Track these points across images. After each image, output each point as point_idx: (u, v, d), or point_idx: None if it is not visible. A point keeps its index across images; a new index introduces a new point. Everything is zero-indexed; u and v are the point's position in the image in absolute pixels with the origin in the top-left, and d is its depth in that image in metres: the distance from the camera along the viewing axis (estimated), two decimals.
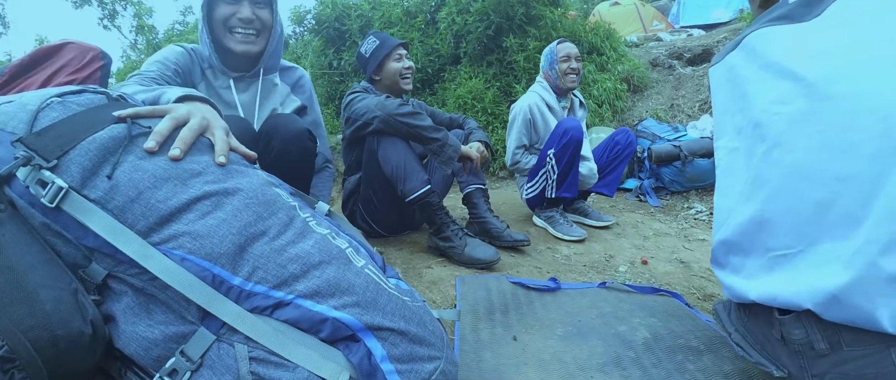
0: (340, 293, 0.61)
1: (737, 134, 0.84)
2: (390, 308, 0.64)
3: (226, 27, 1.25)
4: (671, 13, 7.97)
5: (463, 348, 1.10)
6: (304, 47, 6.22)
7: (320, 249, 0.65)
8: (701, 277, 1.74)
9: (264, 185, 0.72)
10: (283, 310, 0.60)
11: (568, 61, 2.08)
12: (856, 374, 0.69)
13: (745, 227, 0.78)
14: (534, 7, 3.84)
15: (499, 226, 1.77)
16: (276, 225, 0.66)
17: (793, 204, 0.70)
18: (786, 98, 0.73)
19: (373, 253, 0.76)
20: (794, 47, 0.75)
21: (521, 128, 2.10)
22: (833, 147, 0.66)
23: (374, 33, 1.81)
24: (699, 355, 1.10)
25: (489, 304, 1.31)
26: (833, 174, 0.65)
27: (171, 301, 0.62)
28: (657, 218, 2.48)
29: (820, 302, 0.66)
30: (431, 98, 4.19)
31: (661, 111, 3.67)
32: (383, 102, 1.50)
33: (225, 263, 0.61)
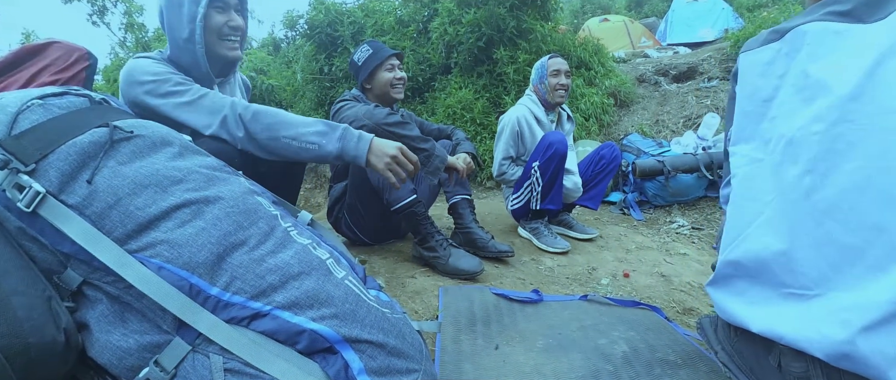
0: (319, 305, 0.62)
1: (764, 145, 0.76)
2: (369, 320, 0.64)
3: (218, 35, 1.28)
4: (659, 30, 8.16)
5: (444, 359, 1.10)
6: (295, 52, 6.21)
7: (300, 260, 0.65)
8: (681, 291, 1.77)
9: (246, 193, 0.72)
10: (260, 321, 0.60)
11: (558, 76, 2.11)
12: None
13: (762, 255, 0.72)
14: (524, 21, 3.90)
15: (484, 237, 1.78)
16: (257, 235, 0.66)
17: (820, 245, 0.65)
18: (827, 117, 0.65)
19: (354, 264, 0.76)
20: (849, 56, 0.67)
21: (509, 139, 2.12)
22: (875, 190, 0.60)
23: (368, 42, 1.82)
24: (676, 369, 1.12)
25: (471, 315, 1.32)
26: (871, 222, 0.61)
27: (146, 310, 0.61)
28: (640, 231, 2.52)
29: (830, 353, 0.62)
30: (422, 106, 4.21)
31: (647, 126, 3.74)
32: (372, 110, 1.50)
33: (203, 273, 0.60)
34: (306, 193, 3.82)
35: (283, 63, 6.78)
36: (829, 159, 0.65)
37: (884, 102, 0.62)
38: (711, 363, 1.13)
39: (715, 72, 4.35)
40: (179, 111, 1.13)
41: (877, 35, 0.66)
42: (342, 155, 1.08)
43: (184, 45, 1.24)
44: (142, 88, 1.15)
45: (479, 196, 3.45)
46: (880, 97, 0.62)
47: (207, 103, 1.10)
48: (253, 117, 1.05)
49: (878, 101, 0.62)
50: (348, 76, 4.59)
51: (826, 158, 0.65)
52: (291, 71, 5.60)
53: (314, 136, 1.07)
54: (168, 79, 1.16)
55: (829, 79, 0.68)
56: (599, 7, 11.14)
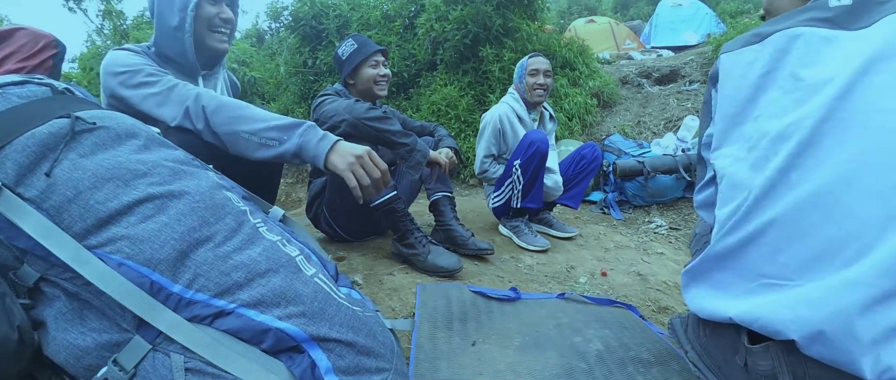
0: (286, 303, 0.61)
1: (747, 144, 0.78)
2: (339, 319, 0.63)
3: (209, 26, 1.27)
4: (643, 33, 8.28)
5: (419, 357, 1.09)
6: (279, 44, 6.12)
7: (268, 257, 0.64)
8: (657, 289, 1.79)
9: (213, 188, 0.70)
10: (224, 319, 0.58)
11: (536, 76, 2.12)
12: None
13: (745, 247, 0.73)
14: (511, 19, 3.90)
15: (464, 234, 1.78)
16: (223, 231, 0.64)
17: (803, 236, 0.66)
18: (815, 115, 0.67)
19: (325, 261, 0.75)
20: (838, 60, 0.69)
21: (491, 137, 2.12)
22: (861, 184, 0.62)
23: (353, 36, 1.80)
24: (649, 367, 1.13)
25: (448, 313, 1.32)
26: (856, 214, 0.62)
27: (105, 308, 0.60)
28: (619, 231, 2.56)
29: (806, 335, 0.63)
30: (406, 102, 4.19)
31: (628, 127, 3.79)
32: (353, 105, 1.49)
33: (165, 270, 0.59)
34: (288, 187, 3.77)
35: (267, 55, 6.67)
36: (815, 154, 0.67)
37: (872, 101, 0.65)
38: (682, 362, 1.15)
39: (696, 75, 4.44)
40: (148, 102, 1.11)
41: (864, 42, 0.69)
42: (301, 153, 1.02)
43: (172, 33, 1.22)
44: (116, 80, 1.13)
45: (462, 193, 3.45)
46: (869, 97, 0.65)
47: (175, 95, 1.08)
48: (215, 110, 1.02)
49: (867, 100, 0.65)
50: (333, 70, 4.54)
51: (812, 154, 0.67)
52: (275, 63, 5.52)
53: (274, 132, 1.02)
54: (140, 69, 1.14)
55: (820, 81, 0.69)
56: (586, 8, 11.24)
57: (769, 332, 0.67)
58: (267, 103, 5.60)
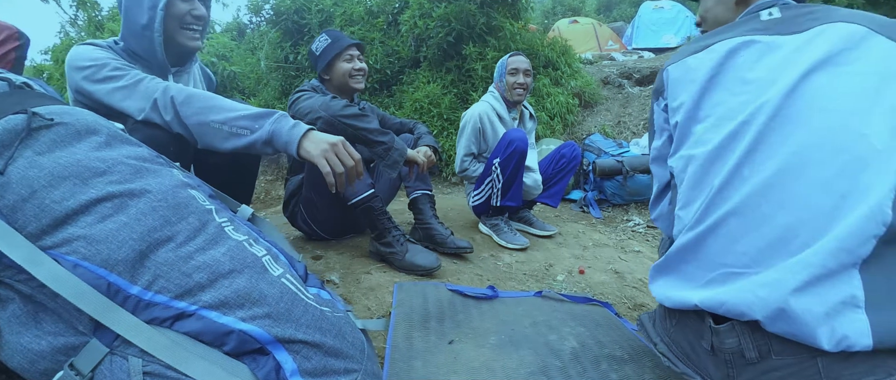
0: (251, 304, 0.59)
1: (699, 143, 0.82)
2: (306, 320, 0.62)
3: (180, 23, 1.24)
4: (625, 35, 8.40)
5: (394, 357, 1.09)
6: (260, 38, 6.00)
7: (232, 257, 0.63)
8: (633, 287, 1.82)
9: (177, 186, 0.68)
10: (184, 321, 0.57)
11: (516, 75, 2.12)
12: None
13: (705, 239, 0.78)
14: (494, 18, 3.91)
15: (443, 232, 1.78)
16: (185, 230, 0.63)
17: (758, 225, 0.72)
18: (764, 112, 0.73)
19: (294, 261, 0.73)
20: (776, 62, 0.76)
21: (471, 136, 2.13)
22: (808, 175, 0.69)
23: (327, 31, 1.78)
24: (622, 364, 1.15)
25: (425, 312, 1.32)
26: (804, 202, 0.68)
27: (61, 310, 0.57)
28: (598, 229, 2.59)
29: (768, 314, 0.68)
30: (389, 100, 4.17)
31: (609, 127, 3.84)
32: (328, 102, 1.47)
33: (123, 271, 0.57)
34: (267, 185, 3.71)
35: (248, 50, 6.54)
36: (764, 150, 0.73)
37: (812, 101, 0.72)
38: (656, 358, 1.17)
39: None
40: (114, 96, 1.08)
41: (804, 49, 0.76)
42: (273, 140, 0.99)
43: (140, 31, 1.19)
44: (80, 75, 1.10)
45: (443, 192, 3.45)
46: (809, 97, 0.72)
47: (142, 88, 1.05)
48: (184, 100, 0.99)
49: (808, 100, 0.72)
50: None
51: (762, 149, 0.73)
52: (255, 58, 5.42)
53: (245, 120, 0.99)
54: (105, 64, 1.11)
55: (766, 82, 0.76)
56: (570, 9, 11.34)
57: (734, 314, 0.73)
58: (247, 99, 5.50)
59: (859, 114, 0.69)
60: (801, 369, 0.69)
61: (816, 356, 0.68)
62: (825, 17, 0.78)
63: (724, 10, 1.01)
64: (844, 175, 0.67)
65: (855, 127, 0.69)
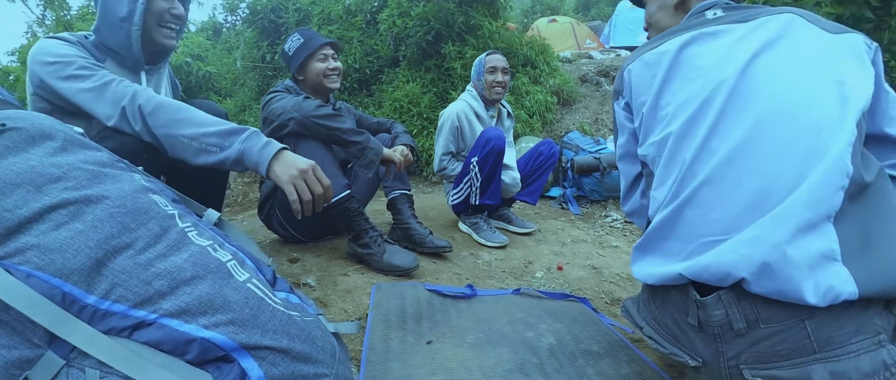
0: (214, 311, 0.58)
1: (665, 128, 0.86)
2: (272, 325, 0.61)
3: (158, 21, 1.23)
4: (603, 34, 8.52)
5: (370, 359, 1.08)
6: (236, 38, 5.88)
7: (195, 263, 0.61)
8: (610, 282, 1.85)
9: (137, 191, 0.66)
10: (143, 331, 0.55)
11: (494, 73, 2.13)
12: (770, 351, 0.73)
13: (682, 213, 0.80)
14: (473, 17, 3.91)
15: (422, 232, 1.78)
16: (145, 237, 0.61)
17: (728, 193, 0.75)
18: (723, 91, 0.79)
19: (261, 265, 0.72)
20: (729, 49, 0.83)
21: (449, 135, 2.13)
22: (768, 141, 0.74)
23: (300, 30, 1.75)
24: (598, 359, 1.17)
25: (402, 312, 1.31)
26: (767, 167, 0.73)
27: (14, 323, 0.55)
28: (577, 225, 2.62)
29: (754, 271, 0.69)
30: (368, 99, 4.13)
31: (587, 125, 3.89)
32: (301, 102, 1.45)
33: (78, 280, 0.55)
34: (244, 187, 3.64)
35: (224, 49, 6.40)
36: (726, 123, 0.78)
37: (767, 76, 0.79)
38: (631, 353, 1.19)
39: None
40: (81, 97, 1.06)
41: (751, 34, 0.83)
42: (243, 159, 0.99)
43: (119, 24, 1.17)
44: (44, 69, 1.07)
45: (424, 191, 3.44)
46: (760, 74, 0.79)
47: (110, 93, 1.02)
48: (154, 110, 0.97)
49: (759, 76, 0.79)
50: None
51: (725, 122, 0.78)
52: (232, 58, 5.31)
53: (215, 138, 0.98)
54: (71, 62, 1.08)
55: (719, 66, 0.82)
56: (549, 8, 11.44)
57: (719, 277, 0.73)
58: (223, 100, 5.38)
59: (808, 85, 0.76)
60: (791, 335, 0.71)
61: (805, 319, 0.70)
62: (766, 11, 0.86)
63: (666, 15, 1.09)
64: (803, 137, 0.72)
65: (806, 96, 0.75)
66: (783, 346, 0.72)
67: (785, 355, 0.72)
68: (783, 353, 0.72)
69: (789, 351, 0.71)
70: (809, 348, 0.70)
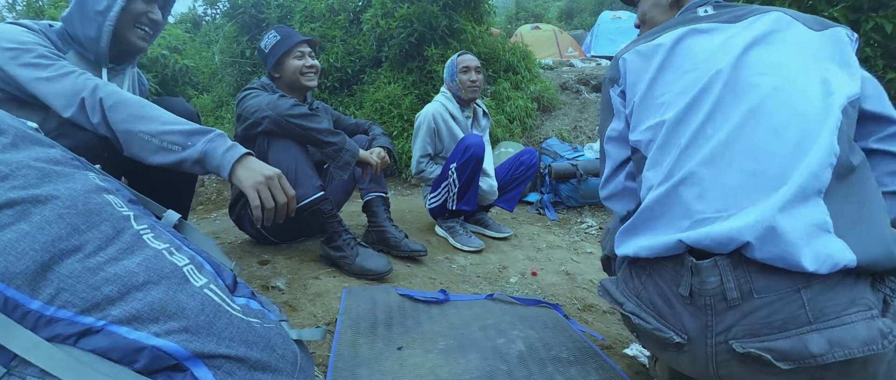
0: (166, 318, 0.56)
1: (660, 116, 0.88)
2: (229, 333, 0.59)
3: (134, 21, 1.21)
4: (585, 42, 8.66)
5: (338, 365, 1.07)
6: (215, 31, 5.75)
7: (148, 268, 0.59)
8: (583, 288, 1.87)
9: (90, 191, 0.63)
10: (90, 338, 0.53)
11: (468, 73, 2.14)
12: (763, 323, 0.72)
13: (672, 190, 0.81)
14: (457, 20, 3.92)
15: (397, 235, 1.76)
16: (96, 239, 0.58)
17: (727, 172, 0.77)
18: (719, 82, 0.82)
19: (221, 270, 0.70)
20: (722, 45, 0.86)
21: (425, 137, 2.12)
22: (763, 125, 0.77)
23: (277, 28, 1.72)
24: (568, 365, 1.18)
25: (373, 317, 1.30)
26: (764, 148, 0.76)
27: None
28: (552, 231, 2.65)
29: (759, 235, 0.70)
30: (349, 99, 4.09)
31: (566, 131, 3.94)
32: (276, 101, 1.42)
33: (22, 285, 0.52)
34: (218, 185, 3.55)
35: (203, 43, 6.24)
36: (721, 112, 0.81)
37: (758, 68, 0.82)
38: (600, 360, 1.20)
39: None
40: (38, 86, 1.02)
41: (740, 32, 0.87)
42: (204, 160, 0.95)
43: (93, 15, 1.13)
44: (2, 56, 1.03)
45: (402, 193, 3.43)
46: (756, 66, 0.82)
47: (69, 83, 0.98)
48: (114, 105, 0.93)
49: (750, 70, 0.82)
50: None
51: (720, 112, 0.81)
52: (211, 52, 5.19)
53: (178, 136, 0.94)
54: (31, 49, 1.04)
55: (712, 61, 0.86)
56: (533, 15, 11.58)
57: (721, 242, 0.73)
58: (199, 95, 5.25)
59: (797, 76, 0.80)
60: (785, 305, 0.71)
61: (800, 289, 0.70)
62: (755, 10, 0.90)
63: (660, 11, 1.12)
64: (795, 122, 0.76)
65: (796, 85, 0.79)
66: (777, 317, 0.71)
67: (779, 326, 0.71)
68: (777, 324, 0.71)
69: (783, 322, 0.71)
70: (804, 318, 0.70)
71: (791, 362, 0.69)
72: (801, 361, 0.69)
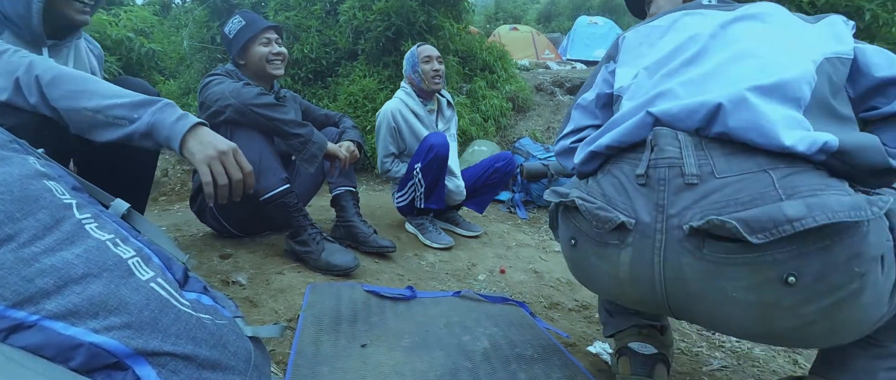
0: (107, 313, 0.53)
1: (644, 60, 0.93)
2: (176, 329, 0.57)
3: None
4: (561, 46, 8.80)
5: (298, 362, 1.04)
6: (185, 15, 5.52)
7: (88, 260, 0.55)
8: (550, 286, 1.90)
9: (29, 177, 0.59)
10: (22, 334, 0.49)
11: (430, 62, 2.07)
12: (726, 200, 0.64)
13: (647, 102, 0.81)
14: (435, 16, 3.90)
15: (365, 231, 1.74)
16: (32, 228, 0.54)
17: (703, 90, 0.77)
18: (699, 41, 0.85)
19: (171, 262, 0.67)
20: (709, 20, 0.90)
21: (387, 136, 2.06)
22: (730, 70, 0.78)
23: (241, 12, 1.65)
24: (532, 363, 1.19)
25: (337, 314, 1.27)
26: (746, 76, 0.75)
27: None
28: (522, 229, 2.68)
29: (732, 99, 0.67)
30: (323, 91, 4.02)
31: (539, 132, 4.00)
32: (240, 89, 1.37)
33: None
34: (183, 175, 3.42)
35: (173, 27, 5.99)
36: (707, 52, 0.84)
37: (730, 38, 0.84)
38: (564, 358, 1.21)
39: None
40: None
41: (727, 12, 0.91)
42: (152, 132, 0.87)
43: None
44: None
45: (375, 188, 3.39)
46: (727, 36, 0.85)
47: (3, 63, 0.91)
48: (52, 81, 0.86)
49: (726, 38, 0.85)
50: None
51: (705, 52, 0.84)
52: (179, 37, 4.99)
53: (124, 109, 0.87)
54: None
55: (698, 29, 0.89)
56: (512, 16, 11.67)
57: (692, 109, 0.72)
58: (166, 80, 5.04)
59: (776, 41, 0.80)
60: (752, 183, 0.64)
61: (767, 170, 0.64)
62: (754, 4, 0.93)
63: (670, 5, 1.15)
64: (778, 63, 0.75)
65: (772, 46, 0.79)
66: (743, 194, 0.64)
67: (746, 202, 0.63)
68: (743, 200, 0.63)
69: (751, 198, 0.63)
70: (774, 195, 0.62)
71: (763, 233, 0.58)
72: (775, 227, 0.58)
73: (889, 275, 0.62)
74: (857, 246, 0.59)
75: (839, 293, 0.60)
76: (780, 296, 0.62)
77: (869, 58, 0.78)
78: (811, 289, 0.60)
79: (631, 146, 0.79)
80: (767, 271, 0.61)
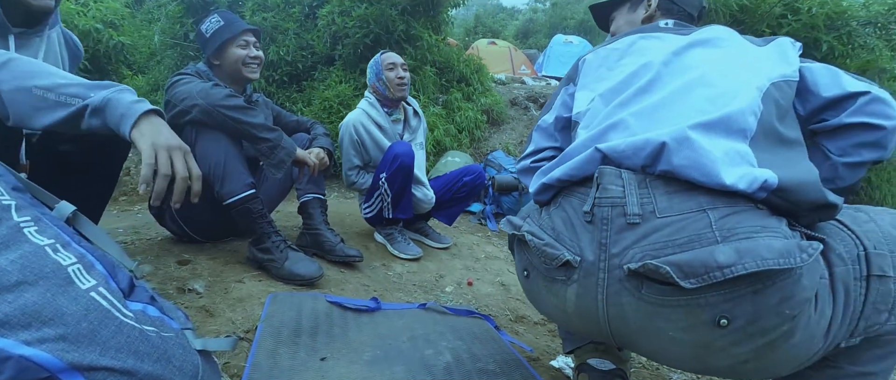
0: (40, 324, 0.50)
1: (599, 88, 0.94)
2: (116, 342, 0.54)
3: None
4: (537, 62, 9.01)
5: (253, 376, 1.01)
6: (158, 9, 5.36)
7: (23, 266, 0.52)
8: (517, 299, 1.91)
9: None
10: None
11: (394, 69, 2.01)
12: (664, 241, 0.65)
13: (600, 134, 0.82)
14: (414, 27, 3.93)
15: (332, 239, 1.71)
16: None
17: (654, 123, 0.78)
18: (652, 69, 0.87)
19: (116, 271, 0.64)
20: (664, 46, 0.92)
21: (350, 149, 2.00)
22: (680, 101, 0.80)
23: (220, 12, 1.62)
24: (493, 378, 1.18)
25: (297, 325, 1.24)
26: (698, 107, 0.76)
27: None
28: (492, 241, 2.69)
29: (675, 137, 0.68)
30: (298, 95, 3.96)
31: (512, 145, 4.06)
32: (209, 89, 1.33)
33: None
34: None
35: (145, 21, 5.79)
36: (657, 86, 0.85)
37: (693, 61, 0.87)
38: (526, 372, 1.22)
39: None
40: None
41: (681, 38, 0.93)
42: (105, 109, 0.81)
43: None
44: None
45: (344, 196, 3.35)
46: (690, 59, 0.87)
47: None
48: (4, 64, 0.80)
49: (680, 65, 0.87)
50: None
51: (655, 85, 0.85)
52: (151, 31, 4.82)
53: (78, 88, 0.82)
54: None
55: (652, 56, 0.91)
56: (490, 30, 11.88)
57: (637, 146, 0.73)
58: (135, 75, 4.86)
59: (726, 67, 0.82)
60: (690, 224, 0.65)
61: (707, 209, 0.65)
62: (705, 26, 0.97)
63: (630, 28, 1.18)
64: (728, 93, 0.76)
65: (722, 73, 0.81)
66: (681, 235, 0.65)
67: (682, 244, 0.64)
68: (680, 241, 0.64)
69: (688, 240, 0.64)
70: (711, 237, 0.63)
71: (694, 279, 0.60)
72: (707, 273, 0.59)
73: (824, 312, 0.65)
74: (790, 289, 0.60)
75: (771, 335, 0.62)
76: (713, 337, 0.64)
77: (816, 77, 0.83)
78: (743, 331, 0.62)
79: (581, 180, 0.81)
80: (700, 314, 0.63)
